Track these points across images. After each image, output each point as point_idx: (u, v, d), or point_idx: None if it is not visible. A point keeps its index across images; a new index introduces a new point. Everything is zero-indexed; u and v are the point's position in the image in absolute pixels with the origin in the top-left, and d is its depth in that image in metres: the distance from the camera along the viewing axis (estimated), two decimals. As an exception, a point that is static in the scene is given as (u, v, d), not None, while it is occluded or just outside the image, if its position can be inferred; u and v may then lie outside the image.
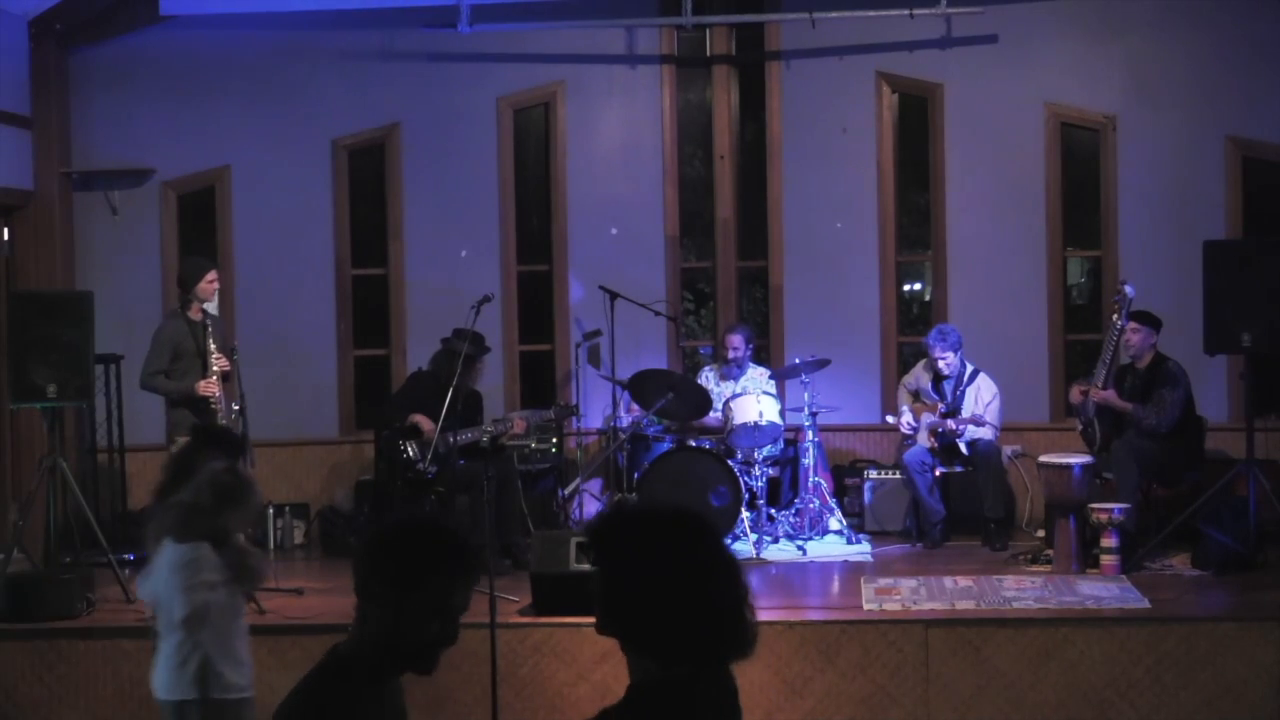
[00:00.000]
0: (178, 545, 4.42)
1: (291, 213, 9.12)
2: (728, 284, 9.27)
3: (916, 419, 8.24)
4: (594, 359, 9.03)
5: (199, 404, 7.32)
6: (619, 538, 2.44)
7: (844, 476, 8.75)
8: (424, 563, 2.58)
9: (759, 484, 8.06)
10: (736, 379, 8.55)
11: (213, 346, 7.33)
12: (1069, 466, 7.32)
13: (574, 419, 8.73)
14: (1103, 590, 6.78)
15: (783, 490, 8.56)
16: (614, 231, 9.21)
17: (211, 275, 7.46)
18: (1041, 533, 7.97)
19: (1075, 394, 7.85)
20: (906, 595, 6.75)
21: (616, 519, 2.53)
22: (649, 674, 2.40)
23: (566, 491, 8.64)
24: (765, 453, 8.20)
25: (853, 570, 7.50)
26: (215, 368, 7.30)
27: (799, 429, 8.42)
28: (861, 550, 7.96)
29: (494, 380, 8.89)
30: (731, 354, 8.49)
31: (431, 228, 9.18)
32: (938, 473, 8.14)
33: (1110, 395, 7.56)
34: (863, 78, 9.01)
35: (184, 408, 7.41)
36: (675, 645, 2.37)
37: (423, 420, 7.74)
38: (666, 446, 8.20)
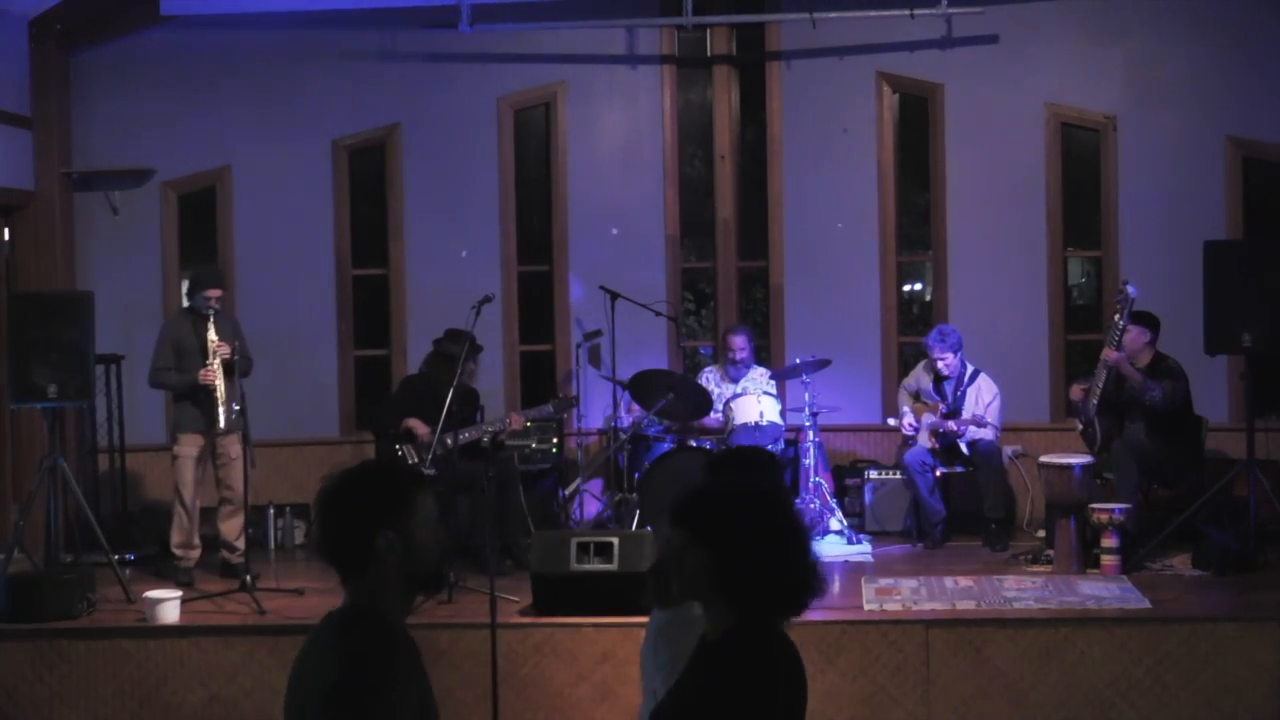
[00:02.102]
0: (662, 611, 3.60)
1: (291, 213, 9.12)
2: (728, 284, 9.27)
3: (917, 419, 8.24)
4: (594, 359, 9.03)
5: (203, 395, 7.35)
6: (721, 509, 2.74)
7: (844, 477, 8.75)
8: (404, 484, 2.71)
9: (759, 484, 8.04)
10: (739, 380, 8.54)
11: (213, 335, 7.36)
12: (1069, 466, 7.32)
13: (575, 417, 8.73)
14: (1103, 590, 6.78)
15: (783, 490, 8.55)
16: (614, 231, 9.21)
17: (211, 291, 7.50)
18: (1042, 533, 7.97)
19: (1076, 391, 7.85)
20: (907, 595, 6.75)
21: (712, 494, 2.81)
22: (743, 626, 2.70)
23: (567, 492, 8.65)
24: (765, 453, 8.19)
25: (853, 570, 7.49)
26: (216, 357, 7.32)
27: (799, 429, 8.42)
28: (862, 550, 7.95)
29: (494, 380, 8.89)
30: (737, 355, 8.49)
31: (431, 228, 9.18)
32: (938, 473, 8.14)
33: (1122, 357, 7.53)
34: (863, 78, 9.01)
35: (187, 402, 7.47)
36: (778, 596, 2.73)
37: (417, 424, 7.73)
38: (667, 447, 8.20)
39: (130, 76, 9.06)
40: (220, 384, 7.32)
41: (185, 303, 7.77)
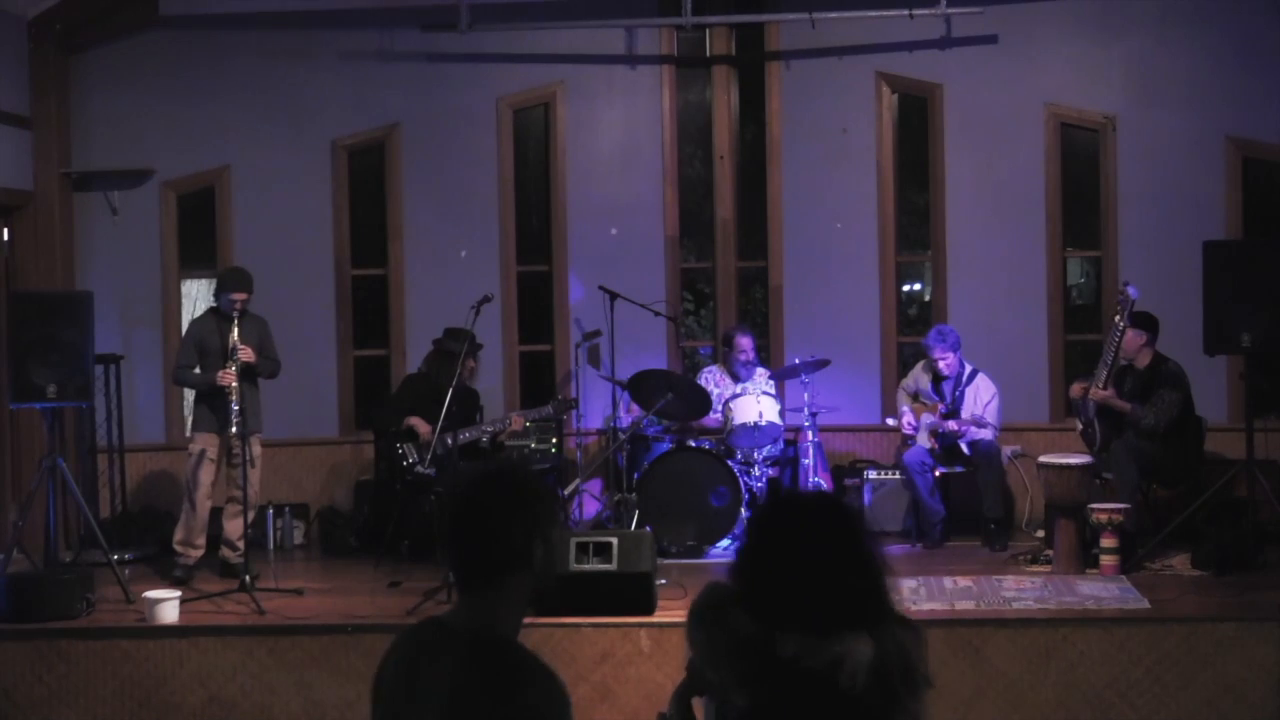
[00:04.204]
0: None
1: (291, 213, 9.12)
2: (728, 284, 9.27)
3: (916, 419, 8.24)
4: (594, 359, 9.04)
5: (218, 396, 7.35)
6: (791, 522, 2.51)
7: (844, 477, 8.75)
8: (551, 492, 2.68)
9: (759, 484, 8.06)
10: (746, 380, 8.53)
11: (235, 338, 7.36)
12: (1069, 466, 7.32)
13: (574, 417, 8.74)
14: (1103, 590, 6.78)
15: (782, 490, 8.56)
16: (614, 231, 9.21)
17: (235, 295, 7.48)
18: (1041, 533, 7.97)
19: (1075, 389, 7.84)
20: (906, 596, 6.74)
21: (784, 506, 2.61)
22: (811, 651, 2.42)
23: (566, 492, 8.64)
24: (765, 453, 8.20)
25: (853, 570, 7.48)
26: (237, 359, 7.33)
27: (799, 429, 8.42)
28: (861, 550, 7.93)
29: (494, 380, 8.89)
30: (745, 356, 8.49)
31: (431, 228, 9.18)
32: (937, 473, 8.14)
33: (1109, 395, 7.57)
34: (863, 78, 9.01)
35: (205, 402, 7.52)
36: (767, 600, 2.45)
37: (418, 423, 7.74)
38: (666, 446, 8.20)
39: (130, 76, 9.06)
40: (236, 386, 7.32)
41: (212, 302, 7.78)
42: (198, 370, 7.58)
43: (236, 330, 7.40)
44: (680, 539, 7.88)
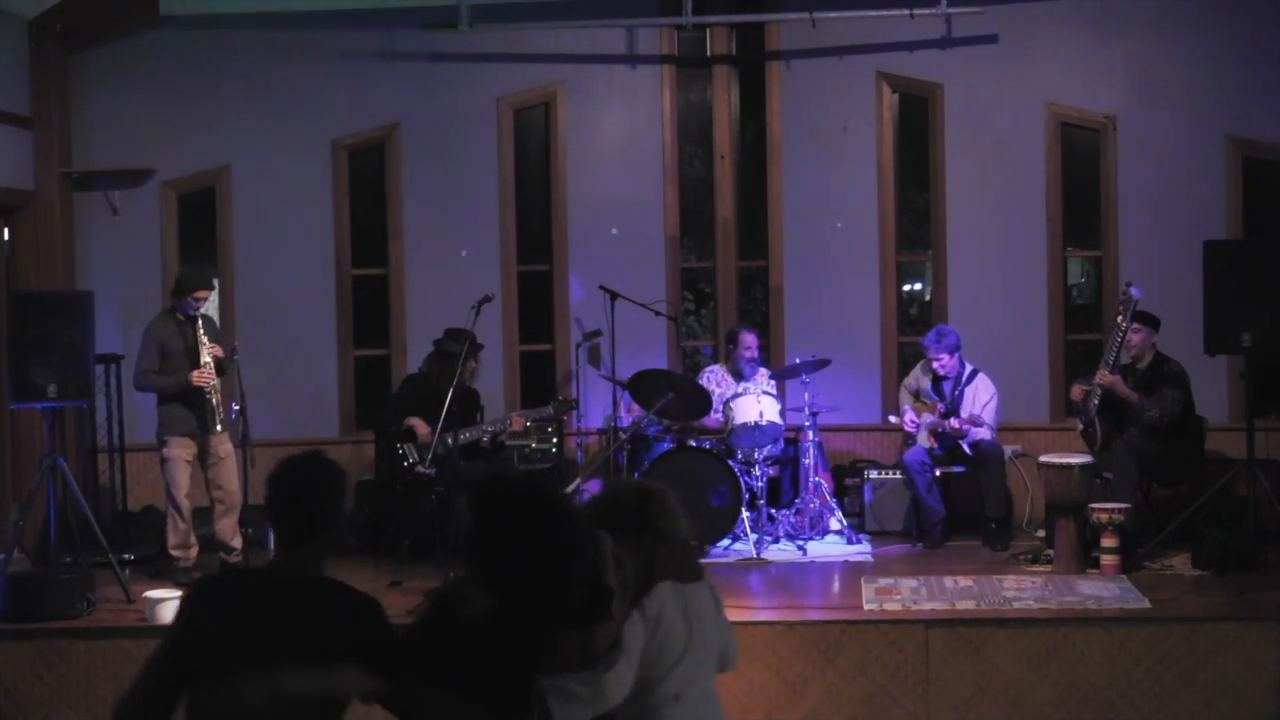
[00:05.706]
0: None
1: (291, 213, 9.12)
2: (728, 284, 9.27)
3: (918, 417, 8.24)
4: (594, 359, 9.04)
5: (194, 397, 7.32)
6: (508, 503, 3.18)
7: (844, 476, 8.75)
8: (343, 473, 3.42)
9: (759, 484, 8.06)
10: (750, 379, 8.53)
11: (203, 338, 7.33)
12: (1069, 466, 7.32)
13: (575, 416, 8.74)
14: (1103, 590, 6.78)
15: (783, 490, 8.56)
16: (614, 231, 9.21)
17: (201, 293, 7.42)
18: (1041, 533, 7.98)
19: (1076, 391, 7.85)
20: (907, 595, 6.75)
21: (504, 487, 3.25)
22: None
23: (567, 491, 8.64)
24: (765, 453, 8.20)
25: (853, 570, 7.50)
26: (207, 358, 7.30)
27: (799, 429, 8.42)
28: (862, 550, 7.96)
29: (494, 380, 8.89)
30: (750, 353, 8.51)
31: (431, 228, 9.18)
32: (938, 473, 8.14)
33: (1117, 380, 7.56)
34: (863, 78, 9.02)
35: (176, 404, 7.40)
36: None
37: (418, 423, 7.74)
38: (666, 446, 8.20)
39: (130, 76, 9.06)
40: (216, 384, 7.30)
41: (169, 303, 7.67)
42: (159, 374, 7.49)
43: (203, 328, 7.36)
44: (680, 539, 7.86)
